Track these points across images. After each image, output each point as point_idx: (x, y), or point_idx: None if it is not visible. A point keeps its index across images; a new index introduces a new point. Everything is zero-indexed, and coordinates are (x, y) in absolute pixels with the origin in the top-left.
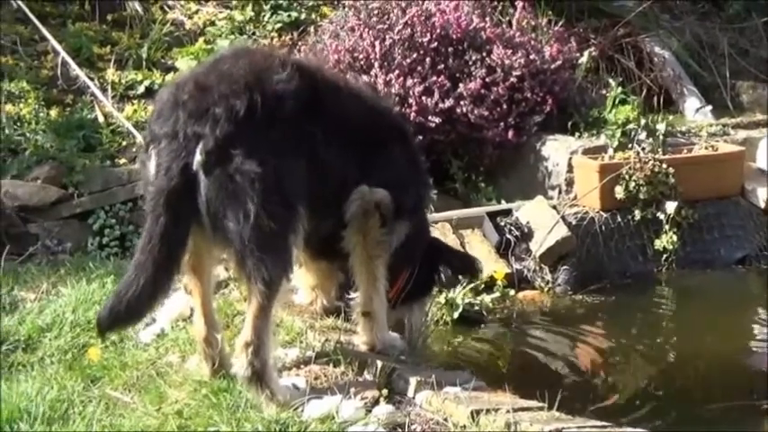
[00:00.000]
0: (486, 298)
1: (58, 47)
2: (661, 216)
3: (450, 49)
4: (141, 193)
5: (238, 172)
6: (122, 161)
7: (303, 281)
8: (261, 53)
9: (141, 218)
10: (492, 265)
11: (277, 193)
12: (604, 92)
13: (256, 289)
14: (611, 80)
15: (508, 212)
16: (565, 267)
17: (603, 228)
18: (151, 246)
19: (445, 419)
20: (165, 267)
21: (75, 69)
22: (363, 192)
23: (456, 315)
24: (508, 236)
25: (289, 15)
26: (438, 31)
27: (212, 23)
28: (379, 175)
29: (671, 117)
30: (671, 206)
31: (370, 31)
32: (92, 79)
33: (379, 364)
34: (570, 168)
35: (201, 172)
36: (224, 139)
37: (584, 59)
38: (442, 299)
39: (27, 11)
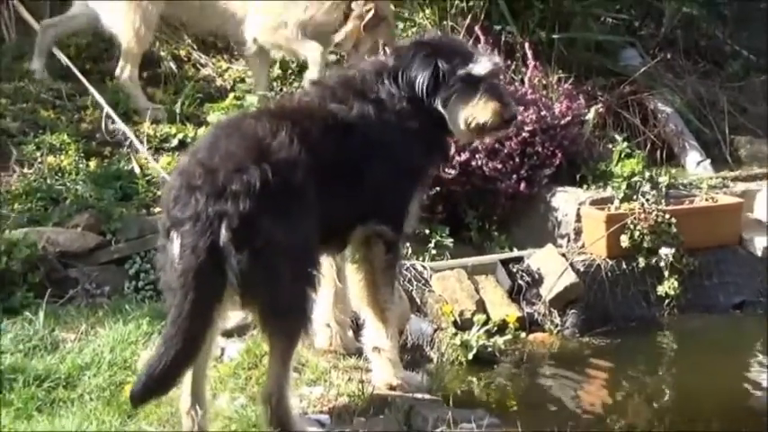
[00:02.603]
0: (499, 340)
1: (102, 101)
2: (663, 263)
3: None
4: (160, 275)
5: (268, 243)
6: (157, 210)
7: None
8: (248, 124)
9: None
10: (504, 309)
11: (303, 255)
12: (611, 146)
13: (279, 344)
14: (617, 135)
15: (520, 260)
16: (573, 311)
17: (609, 274)
18: (181, 320)
19: None
20: (194, 339)
21: (117, 122)
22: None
23: (470, 356)
24: (520, 281)
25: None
26: None
27: (242, 80)
28: (372, 207)
29: (673, 170)
30: (671, 253)
31: None
32: (129, 132)
33: (398, 401)
34: (578, 218)
35: (231, 246)
36: (248, 214)
37: (591, 115)
38: (457, 340)
39: (72, 67)
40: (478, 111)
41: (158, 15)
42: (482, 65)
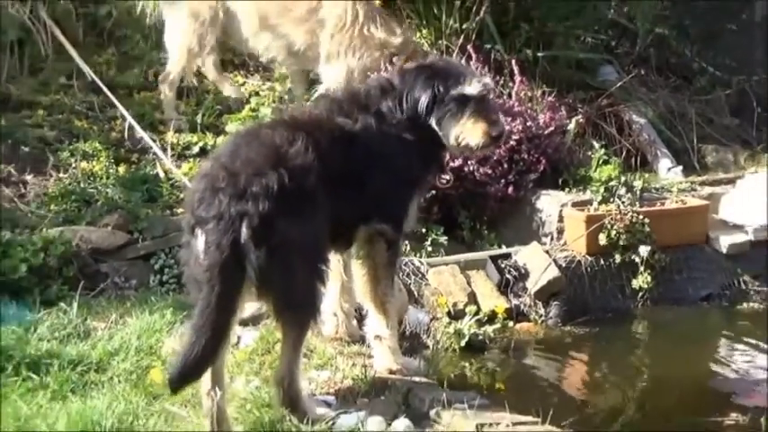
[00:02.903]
0: (489, 329)
1: (126, 113)
2: (637, 259)
3: None
4: (185, 269)
5: (284, 241)
6: (179, 211)
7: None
8: (266, 133)
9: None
10: (494, 301)
11: (314, 252)
12: (590, 153)
13: (291, 333)
14: (595, 143)
15: (508, 256)
16: (556, 303)
17: (589, 270)
18: (209, 311)
19: None
20: (221, 328)
21: (140, 132)
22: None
23: (463, 343)
24: (508, 276)
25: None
26: None
27: (257, 93)
28: (375, 209)
29: (646, 175)
30: (646, 251)
31: None
32: (154, 141)
33: (398, 384)
34: (561, 219)
35: (251, 243)
36: (266, 214)
37: (572, 126)
38: (451, 329)
39: (100, 83)
40: (467, 130)
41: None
42: (473, 86)
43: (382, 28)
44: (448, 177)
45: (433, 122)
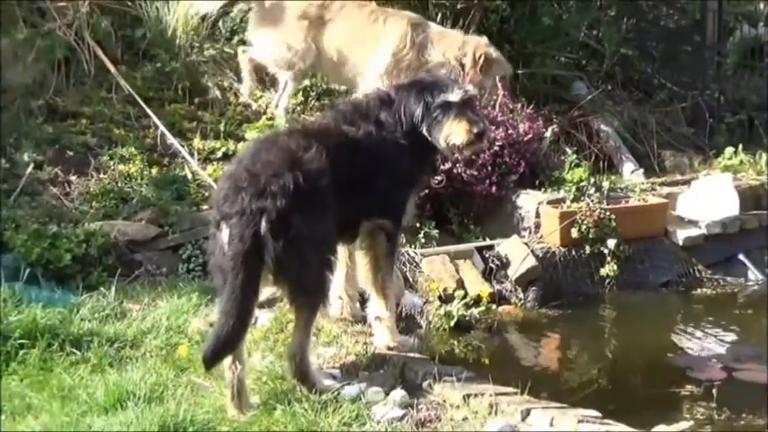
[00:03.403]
0: (475, 311)
1: (158, 122)
2: (605, 250)
3: None
4: (210, 258)
5: (298, 234)
6: (205, 208)
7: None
8: (283, 140)
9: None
10: (479, 287)
11: (325, 245)
12: (563, 158)
13: (302, 314)
14: (568, 149)
15: (491, 247)
16: (533, 288)
17: (562, 259)
18: (235, 296)
19: (444, 401)
20: (247, 310)
21: (171, 139)
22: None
23: (452, 323)
24: (491, 264)
25: (327, 101)
26: None
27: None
28: (377, 206)
29: (613, 177)
30: (612, 243)
31: None
32: (182, 146)
33: (395, 359)
34: (538, 215)
35: (269, 236)
36: (283, 210)
37: (548, 134)
38: (441, 311)
39: (135, 95)
40: (453, 131)
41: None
42: (454, 93)
43: (436, 49)
44: (440, 178)
45: (424, 129)
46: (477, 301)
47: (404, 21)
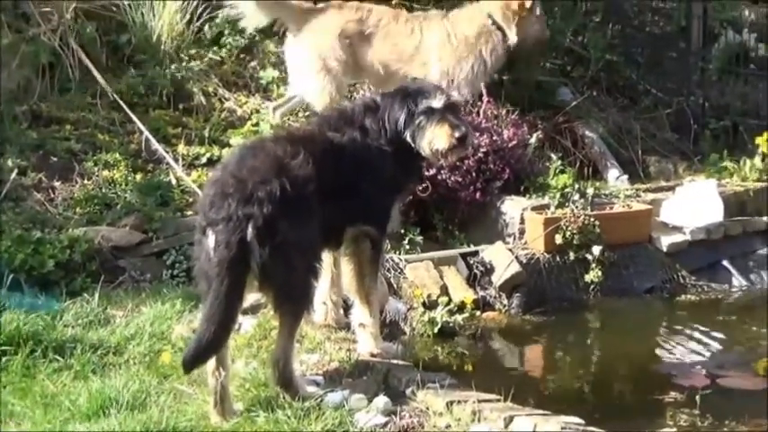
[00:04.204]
0: (459, 317)
1: (143, 127)
2: (589, 257)
3: None
4: (195, 263)
5: (284, 240)
6: (189, 213)
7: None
8: (269, 146)
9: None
10: (463, 293)
11: (310, 252)
12: (548, 164)
13: (287, 321)
14: (553, 155)
15: (476, 253)
16: (517, 295)
17: (546, 265)
18: (219, 302)
19: (427, 408)
20: (230, 316)
21: (155, 145)
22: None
23: (436, 330)
24: (476, 271)
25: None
26: None
27: (257, 111)
28: (361, 213)
29: (597, 183)
30: (596, 249)
31: None
32: (167, 152)
33: (378, 366)
34: (522, 221)
35: (255, 242)
36: (269, 216)
37: (533, 140)
38: (425, 317)
39: (120, 102)
40: (435, 136)
41: (348, 83)
42: (437, 99)
43: (474, 31)
44: (425, 186)
45: (408, 136)
46: (461, 307)
47: (437, 22)
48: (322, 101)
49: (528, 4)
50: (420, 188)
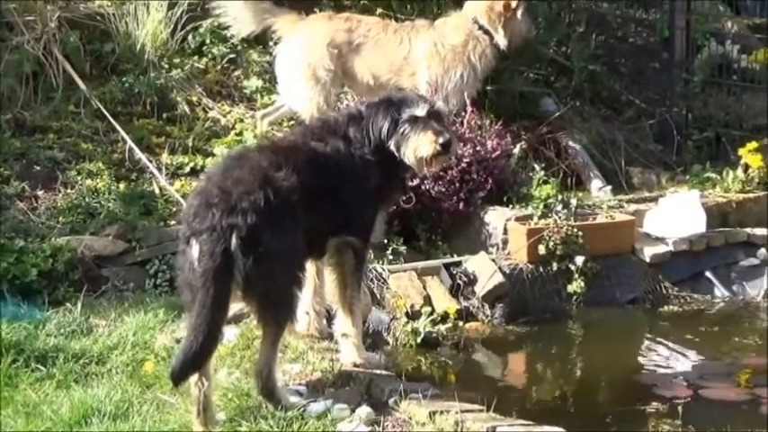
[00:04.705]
0: (442, 327)
1: (126, 137)
2: (572, 267)
3: None
4: (179, 273)
5: (268, 251)
6: (172, 223)
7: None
8: (254, 156)
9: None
10: (446, 303)
11: (294, 262)
12: (531, 174)
13: (270, 331)
14: (536, 166)
15: (459, 264)
16: (500, 305)
17: (529, 276)
18: (204, 312)
19: (410, 418)
20: (216, 327)
21: (139, 154)
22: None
23: (419, 340)
24: (459, 281)
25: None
26: None
27: (241, 120)
28: (345, 223)
29: (580, 194)
30: (579, 260)
31: None
32: (150, 162)
33: (361, 376)
34: (505, 231)
35: (239, 252)
36: (253, 227)
37: (516, 150)
38: (408, 327)
39: (104, 110)
40: (419, 143)
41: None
42: (420, 108)
43: (461, 38)
44: (409, 196)
45: (392, 145)
46: (444, 317)
47: (425, 31)
48: (310, 110)
49: (513, 4)
50: (403, 199)
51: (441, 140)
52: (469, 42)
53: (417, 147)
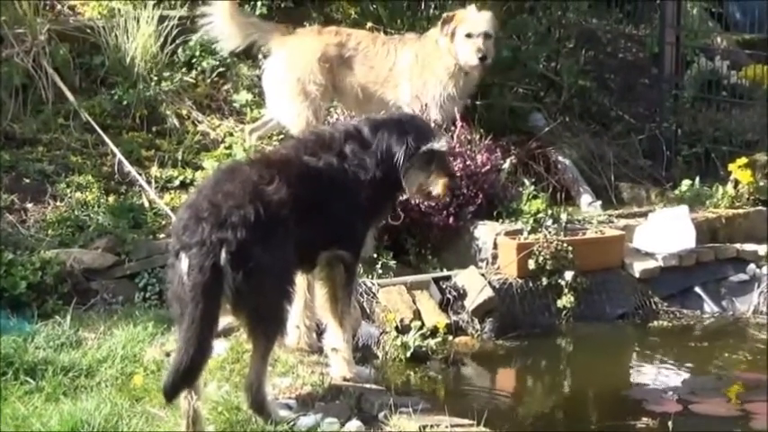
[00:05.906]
0: (432, 342)
1: (116, 150)
2: (562, 282)
3: None
4: (168, 287)
5: (258, 265)
6: (162, 236)
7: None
8: (245, 170)
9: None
10: (436, 317)
11: (284, 276)
12: (521, 189)
13: (260, 344)
14: (526, 181)
15: (448, 278)
16: (490, 320)
17: (519, 290)
18: (194, 327)
19: None
20: (207, 341)
21: (128, 167)
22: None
23: (409, 354)
24: (448, 295)
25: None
26: None
27: (230, 134)
28: (336, 237)
29: (570, 209)
30: (569, 275)
31: None
32: (140, 174)
33: (351, 390)
34: (495, 246)
35: (229, 267)
36: (243, 241)
37: (506, 165)
38: (398, 342)
39: (93, 123)
40: (432, 182)
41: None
42: (440, 143)
43: (438, 52)
44: (397, 214)
45: (401, 173)
46: (433, 331)
47: (411, 44)
48: (299, 125)
49: (447, 28)
50: (392, 215)
51: (452, 186)
52: (443, 57)
53: (429, 184)
